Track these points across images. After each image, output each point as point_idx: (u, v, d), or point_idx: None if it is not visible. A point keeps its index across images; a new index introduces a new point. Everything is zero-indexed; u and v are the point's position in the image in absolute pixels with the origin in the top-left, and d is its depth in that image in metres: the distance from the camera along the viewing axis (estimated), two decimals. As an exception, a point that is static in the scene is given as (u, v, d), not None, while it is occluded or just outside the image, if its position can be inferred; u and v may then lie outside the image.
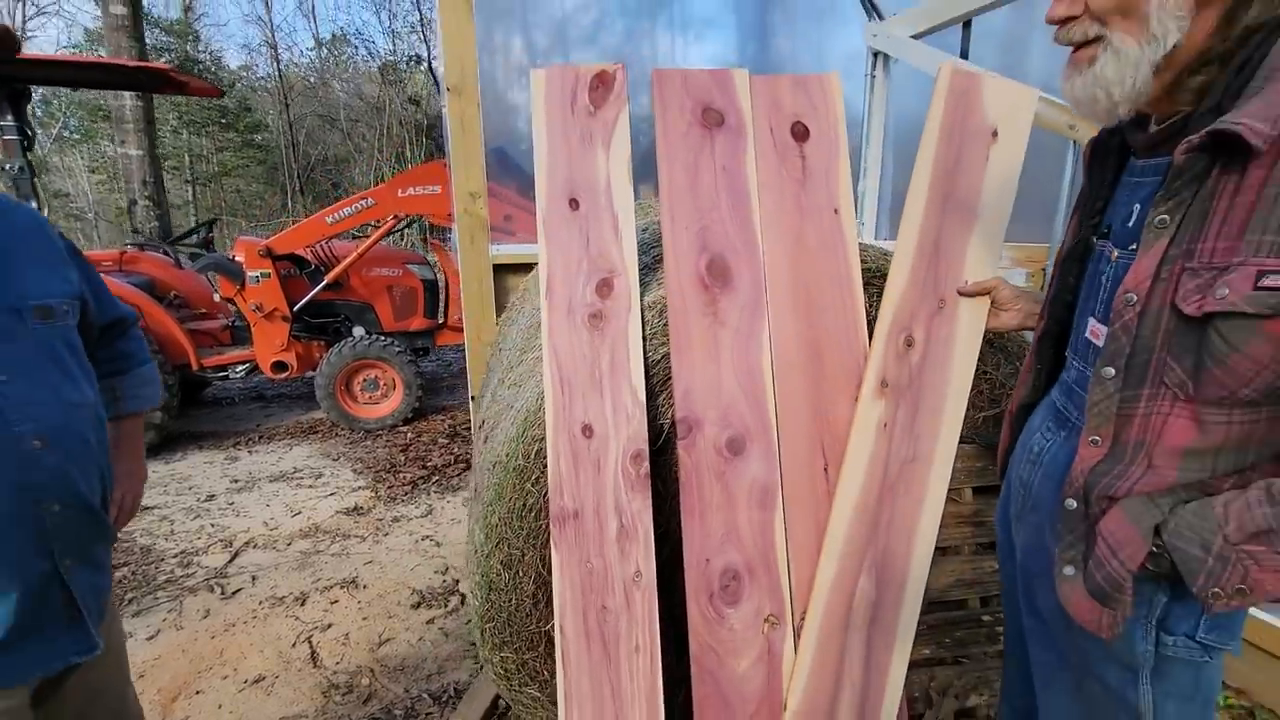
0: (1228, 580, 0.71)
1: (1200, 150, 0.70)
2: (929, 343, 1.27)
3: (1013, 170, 1.27)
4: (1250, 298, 0.67)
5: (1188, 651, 0.84)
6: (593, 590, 1.29)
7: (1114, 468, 0.82)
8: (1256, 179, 0.67)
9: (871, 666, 1.28)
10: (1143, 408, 0.79)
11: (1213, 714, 0.91)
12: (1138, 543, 0.78)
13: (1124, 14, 0.74)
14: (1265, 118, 0.66)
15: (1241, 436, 0.75)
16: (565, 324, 1.33)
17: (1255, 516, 0.70)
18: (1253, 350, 0.69)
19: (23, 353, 0.96)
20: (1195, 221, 0.72)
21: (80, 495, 1.01)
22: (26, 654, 0.97)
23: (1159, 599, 0.83)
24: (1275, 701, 1.94)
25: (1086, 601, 0.83)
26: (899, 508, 1.28)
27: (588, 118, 1.38)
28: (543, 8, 3.36)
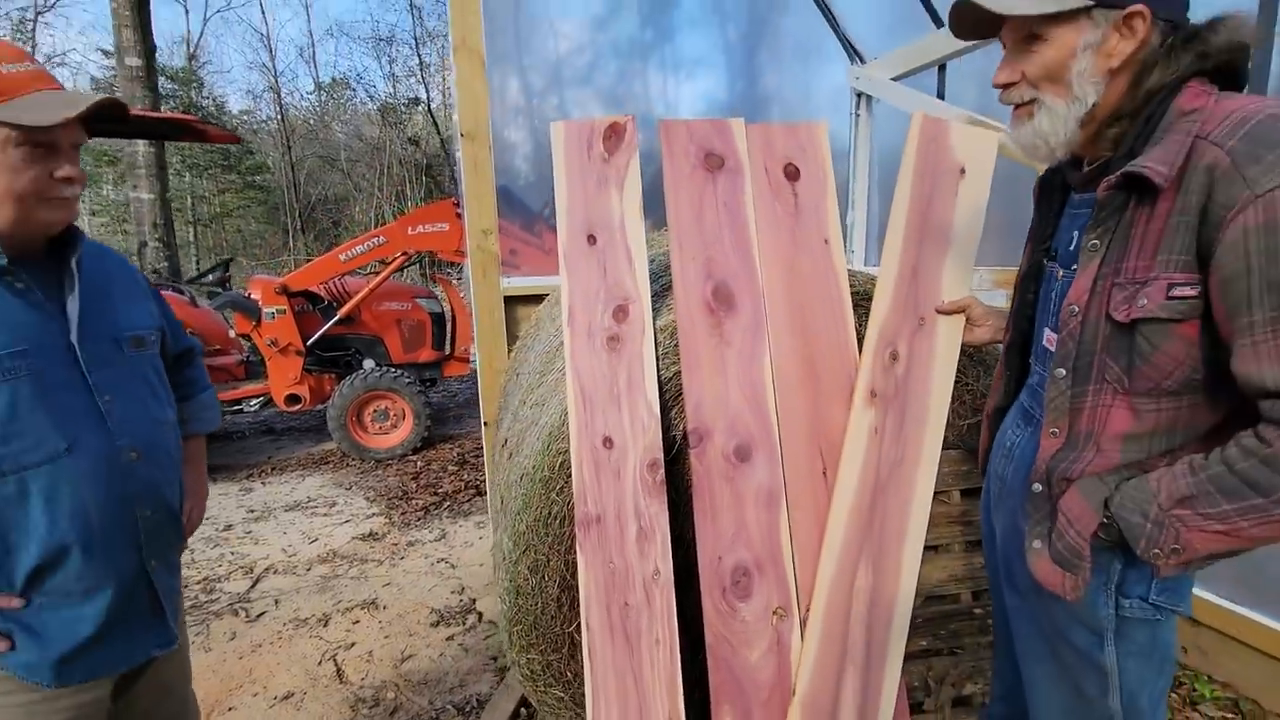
0: (1164, 541, 0.85)
1: (1118, 188, 0.87)
2: (912, 356, 1.42)
3: (979, 202, 1.44)
4: (1164, 305, 0.83)
5: (1143, 612, 0.97)
6: (615, 588, 1.41)
7: (1070, 454, 0.97)
8: (1163, 210, 0.83)
9: (872, 653, 1.40)
10: (1089, 401, 0.94)
11: (1170, 671, 1.04)
12: (1090, 515, 0.92)
13: (1052, 81, 0.91)
14: (1165, 161, 0.82)
15: (1169, 422, 0.89)
16: (586, 346, 1.48)
17: (1180, 486, 0.84)
18: (1170, 349, 0.85)
19: (121, 377, 1.10)
20: (1120, 245, 0.88)
21: (166, 503, 1.14)
22: (115, 647, 1.09)
23: (1115, 566, 0.97)
24: (1258, 693, 2.05)
25: (1052, 568, 0.97)
26: (890, 505, 1.41)
27: (602, 164, 1.55)
28: (537, 50, 3.51)
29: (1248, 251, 0.75)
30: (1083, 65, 0.89)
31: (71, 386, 1.02)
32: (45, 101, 0.94)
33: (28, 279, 1.00)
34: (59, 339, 1.02)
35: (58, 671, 1.01)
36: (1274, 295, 0.74)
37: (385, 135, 19.32)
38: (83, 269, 1.07)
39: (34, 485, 0.96)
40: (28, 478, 0.96)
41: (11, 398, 0.94)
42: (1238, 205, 0.75)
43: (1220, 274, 0.78)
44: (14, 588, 0.98)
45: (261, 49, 28.77)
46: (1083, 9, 0.87)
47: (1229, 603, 2.11)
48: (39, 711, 1.02)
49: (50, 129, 0.94)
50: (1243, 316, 0.77)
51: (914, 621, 1.60)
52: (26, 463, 0.96)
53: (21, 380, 0.95)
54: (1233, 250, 0.76)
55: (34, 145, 0.94)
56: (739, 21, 3.87)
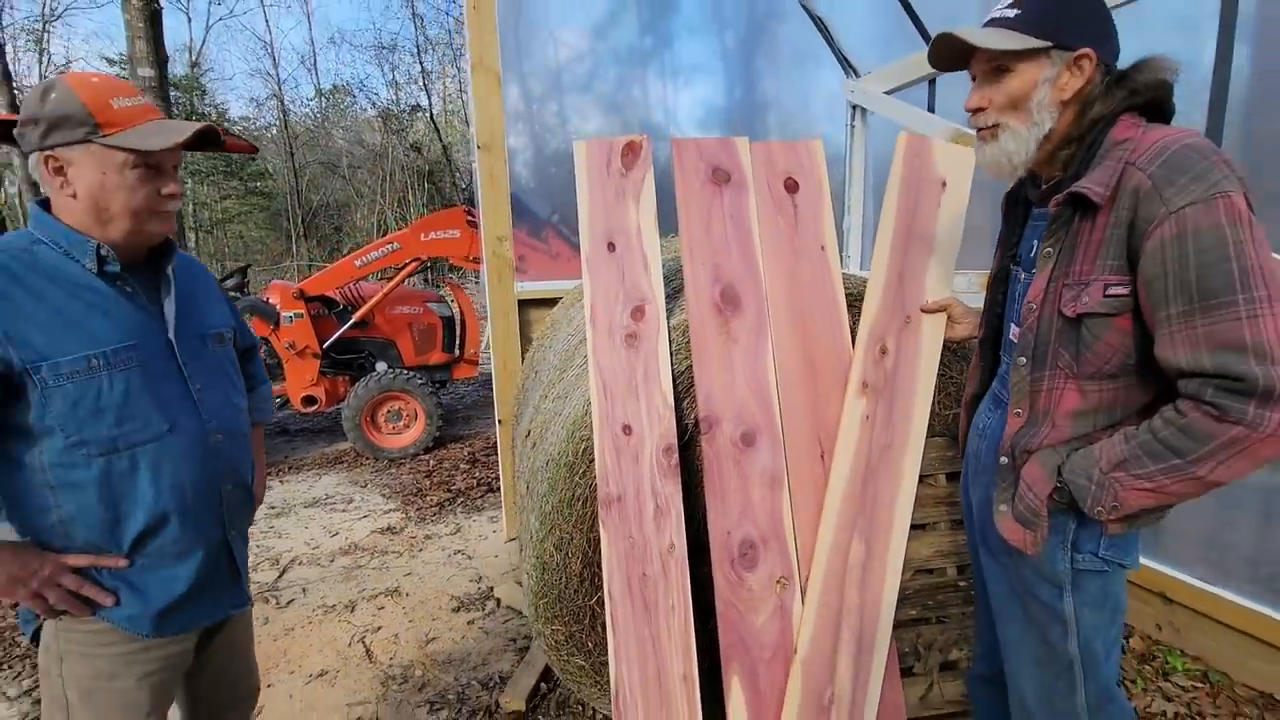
0: (1105, 499, 1.01)
1: (1066, 204, 1.03)
2: (899, 351, 1.58)
3: (959, 212, 1.61)
4: (1102, 302, 0.99)
5: (1094, 564, 1.13)
6: (634, 560, 1.57)
7: (1030, 430, 1.13)
8: (1101, 223, 1.00)
9: (865, 616, 1.55)
10: (1046, 384, 1.10)
11: (1120, 620, 1.20)
12: (1045, 480, 1.08)
13: (1015, 108, 1.08)
14: (1101, 183, 0.98)
15: (1110, 400, 1.06)
16: (607, 343, 1.64)
17: (1117, 452, 1.00)
18: (1108, 338, 1.01)
19: (208, 369, 1.25)
20: (1068, 251, 1.05)
21: (242, 479, 1.30)
22: (203, 605, 1.24)
23: (1070, 526, 1.13)
24: (1226, 666, 2.20)
25: (1015, 527, 1.13)
26: (881, 484, 1.57)
27: (620, 178, 1.71)
28: (537, 57, 3.57)
29: (1164, 258, 0.92)
30: (1041, 96, 1.06)
31: (170, 376, 1.17)
32: (155, 129, 1.10)
33: (134, 284, 1.16)
34: (159, 335, 1.17)
35: (156, 624, 1.16)
36: (1184, 294, 0.91)
37: (387, 142, 19.51)
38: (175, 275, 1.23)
39: (142, 460, 1.11)
40: (138, 454, 1.11)
41: (126, 385, 1.09)
42: (1156, 220, 0.92)
43: (1144, 276, 0.95)
44: (121, 549, 1.13)
45: (264, 56, 29.01)
46: (1043, 49, 1.04)
47: (1200, 582, 2.27)
48: (138, 660, 1.17)
49: (160, 152, 1.10)
50: (1161, 310, 0.93)
51: (904, 593, 1.76)
52: (136, 441, 1.11)
53: (133, 370, 1.11)
54: (1153, 257, 0.93)
55: (146, 167, 1.10)
56: (737, 28, 3.95)
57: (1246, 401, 0.87)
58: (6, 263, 1.05)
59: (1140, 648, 2.36)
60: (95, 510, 1.09)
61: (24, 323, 1.03)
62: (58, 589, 1.08)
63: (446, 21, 20.19)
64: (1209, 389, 0.90)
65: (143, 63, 7.68)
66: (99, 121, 1.06)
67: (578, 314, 2.40)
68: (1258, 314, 0.87)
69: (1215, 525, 2.25)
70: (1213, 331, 0.89)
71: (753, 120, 4.10)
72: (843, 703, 1.53)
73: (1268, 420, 0.86)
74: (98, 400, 1.07)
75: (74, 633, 1.14)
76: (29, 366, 1.02)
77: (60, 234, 1.10)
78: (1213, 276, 0.89)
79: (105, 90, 1.08)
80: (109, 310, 1.11)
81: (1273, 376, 0.86)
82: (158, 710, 1.23)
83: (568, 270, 3.83)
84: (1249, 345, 0.87)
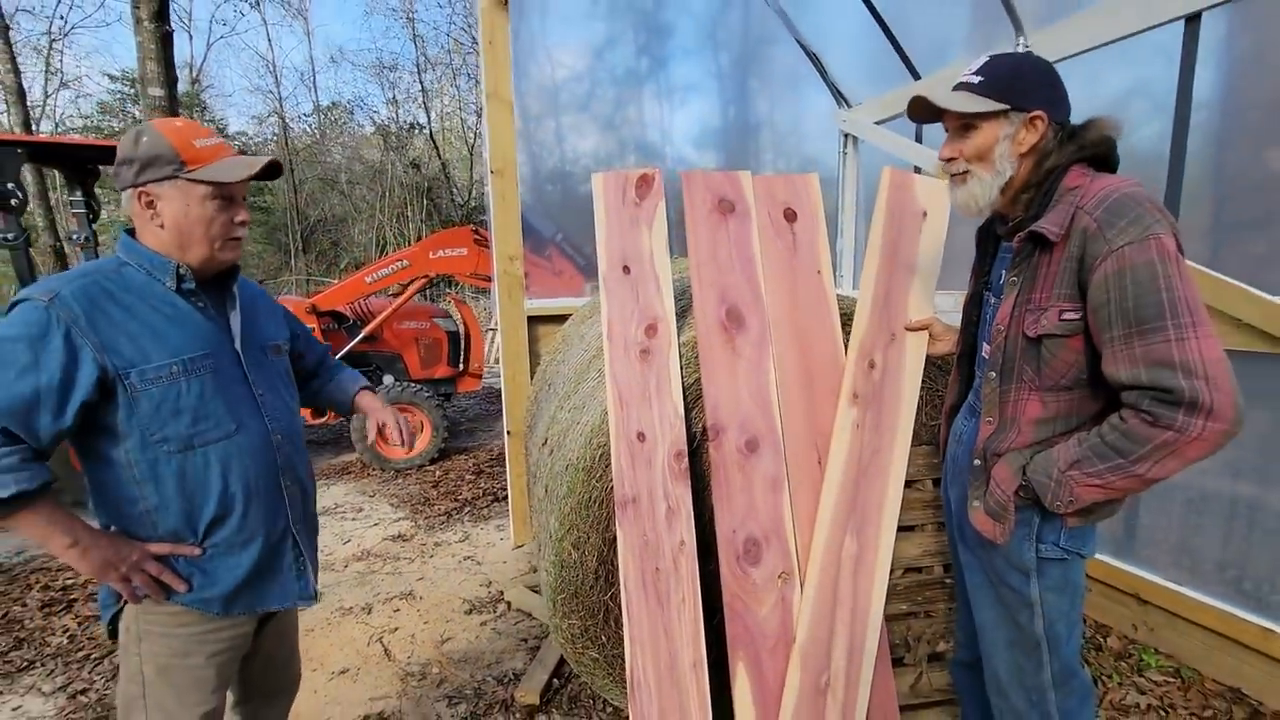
0: (1062, 495, 1.17)
1: (1026, 240, 1.20)
2: (886, 365, 1.75)
3: (939, 239, 1.78)
4: (1057, 325, 1.16)
5: (1056, 553, 1.29)
6: (648, 556, 1.71)
7: (1000, 435, 1.29)
8: (1057, 257, 1.17)
9: (857, 606, 1.70)
10: (1013, 395, 1.26)
11: (1079, 604, 1.36)
12: (1012, 479, 1.24)
13: (981, 159, 1.26)
14: (1056, 223, 1.16)
15: (1067, 409, 1.22)
16: (623, 357, 1.80)
17: (1071, 453, 1.16)
18: (1064, 355, 1.18)
19: (269, 376, 1.40)
20: (1029, 280, 1.22)
21: (300, 477, 1.44)
22: (268, 592, 1.37)
23: (1035, 519, 1.29)
24: (1197, 662, 2.35)
25: (986, 519, 1.29)
26: (871, 485, 1.73)
27: (634, 207, 1.88)
28: (534, 77, 3.69)
29: (1107, 288, 1.09)
30: (1002, 149, 1.24)
31: (237, 382, 1.32)
32: (230, 164, 1.25)
33: (206, 299, 1.31)
34: (227, 345, 1.32)
35: (225, 604, 1.30)
36: (1124, 319, 1.08)
37: (386, 158, 19.74)
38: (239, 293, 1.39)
39: (214, 457, 1.25)
40: (210, 451, 1.25)
41: (200, 389, 1.24)
42: (1101, 256, 1.09)
43: (1091, 304, 1.12)
44: (196, 538, 1.26)
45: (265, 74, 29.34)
46: (1002, 110, 1.22)
47: (1172, 584, 2.42)
48: (208, 640, 1.31)
49: (235, 184, 1.25)
50: (1105, 333, 1.10)
51: (894, 589, 1.91)
52: (210, 439, 1.25)
53: (206, 376, 1.25)
54: (1099, 287, 1.10)
55: (223, 199, 1.25)
56: (731, 51, 4.11)
57: (1176, 410, 1.04)
58: (101, 282, 1.20)
59: (1117, 646, 2.51)
60: (175, 501, 1.23)
61: (116, 335, 1.17)
62: (143, 574, 1.21)
63: (445, 41, 20.55)
64: (1145, 399, 1.07)
65: (153, 83, 7.86)
66: (184, 159, 1.21)
67: (589, 329, 2.56)
68: (1184, 337, 1.04)
69: (1185, 531, 2.41)
70: (1148, 351, 1.06)
71: (746, 140, 4.24)
72: (838, 686, 1.67)
73: (1193, 425, 1.03)
74: (177, 402, 1.21)
75: (153, 614, 1.27)
76: (120, 373, 1.16)
77: (144, 257, 1.25)
78: (1147, 305, 1.06)
79: (188, 132, 1.24)
80: (186, 323, 1.25)
81: (1197, 389, 1.02)
82: (220, 688, 1.36)
83: (571, 287, 3.99)
84: (1177, 363, 1.04)
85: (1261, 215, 2.26)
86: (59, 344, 1.11)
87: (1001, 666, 1.41)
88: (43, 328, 1.11)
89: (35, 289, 1.16)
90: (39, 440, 1.11)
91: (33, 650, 2.67)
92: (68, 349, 1.12)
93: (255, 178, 1.31)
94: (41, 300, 1.12)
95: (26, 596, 3.14)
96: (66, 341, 1.11)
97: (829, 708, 1.67)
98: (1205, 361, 1.03)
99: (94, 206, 4.75)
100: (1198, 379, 1.02)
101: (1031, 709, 1.38)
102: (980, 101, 1.22)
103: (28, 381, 1.09)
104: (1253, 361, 2.10)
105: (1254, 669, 2.19)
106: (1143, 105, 2.54)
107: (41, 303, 1.12)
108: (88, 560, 1.16)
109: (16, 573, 3.41)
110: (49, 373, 1.10)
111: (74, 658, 2.61)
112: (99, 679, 2.46)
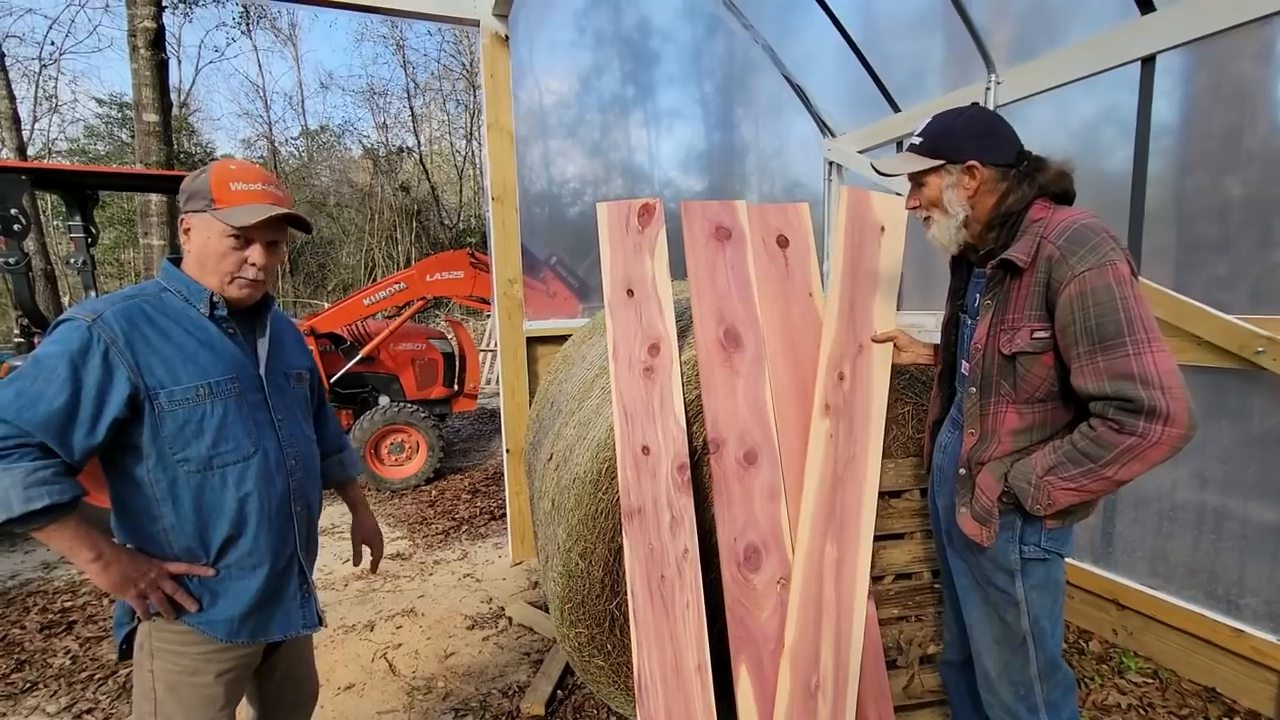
0: (1042, 499, 1.28)
1: (998, 267, 1.33)
2: (855, 376, 1.87)
3: (898, 252, 1.92)
4: (1029, 342, 1.29)
5: (1038, 553, 1.40)
6: (653, 564, 1.80)
7: (982, 446, 1.41)
8: (1025, 281, 1.30)
9: (841, 609, 1.79)
10: (992, 409, 1.38)
11: (1061, 600, 1.46)
12: (995, 486, 1.35)
13: (935, 205, 1.42)
14: (1025, 251, 1.29)
15: (1041, 420, 1.34)
16: (627, 375, 1.90)
17: (1048, 460, 1.28)
18: (1036, 370, 1.30)
19: (289, 403, 1.45)
20: (1002, 304, 1.34)
21: (311, 504, 1.47)
22: (274, 618, 1.39)
23: (1018, 523, 1.40)
24: (1175, 664, 2.46)
25: (973, 524, 1.40)
26: (848, 491, 1.83)
27: (637, 235, 2.00)
28: (524, 102, 3.76)
29: (1072, 309, 1.21)
30: (950, 196, 1.39)
31: (259, 407, 1.36)
32: (250, 211, 1.29)
33: (235, 326, 1.37)
34: (253, 371, 1.37)
35: (229, 631, 1.31)
36: (1089, 337, 1.20)
37: (376, 182, 19.88)
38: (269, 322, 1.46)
39: (230, 478, 1.28)
40: (228, 472, 1.28)
41: (223, 411, 1.28)
42: (1065, 280, 1.22)
43: (1059, 323, 1.24)
44: (209, 558, 1.29)
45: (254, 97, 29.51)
46: (938, 165, 1.37)
47: (1149, 589, 2.54)
48: (216, 659, 1.33)
49: (247, 228, 1.29)
50: (1073, 349, 1.23)
51: (886, 595, 2.01)
52: (229, 460, 1.29)
53: (230, 399, 1.30)
54: (1065, 308, 1.22)
55: (237, 238, 1.30)
56: (715, 78, 4.26)
57: (1137, 418, 1.16)
58: (141, 306, 1.26)
59: (1098, 650, 2.62)
60: (191, 520, 1.27)
61: (151, 356, 1.22)
62: (159, 591, 1.24)
63: (434, 67, 20.84)
64: (1110, 409, 1.19)
65: (148, 109, 7.96)
66: (214, 197, 1.28)
67: (590, 350, 2.66)
68: (1140, 352, 1.16)
69: (1160, 539, 2.54)
70: (1110, 365, 1.19)
71: (731, 164, 4.37)
72: (827, 687, 1.75)
73: (1153, 431, 1.15)
74: (200, 424, 1.25)
75: (164, 632, 1.30)
76: (150, 393, 1.21)
77: (182, 283, 1.32)
78: (1107, 324, 1.19)
79: (231, 175, 1.30)
80: (215, 347, 1.31)
81: (1155, 398, 1.15)
82: (229, 706, 1.37)
83: (565, 309, 4.09)
84: (1136, 375, 1.16)
85: (1219, 239, 2.42)
86: (97, 362, 1.16)
87: (990, 663, 1.50)
88: (84, 346, 1.16)
89: (79, 309, 1.21)
90: (72, 455, 1.15)
91: (35, 671, 2.68)
92: (105, 367, 1.17)
93: (291, 226, 1.37)
94: (85, 320, 1.18)
95: (25, 619, 3.14)
96: (104, 360, 1.17)
97: (820, 709, 1.75)
98: (1160, 373, 1.15)
99: (93, 231, 4.80)
100: (1154, 389, 1.14)
101: (1019, 702, 1.48)
102: (918, 161, 1.39)
103: (65, 398, 1.13)
104: (1213, 376, 2.25)
105: (1227, 669, 2.30)
106: (1111, 132, 2.71)
107: (84, 322, 1.17)
108: (109, 575, 1.19)
109: (13, 596, 3.41)
110: (86, 390, 1.15)
111: (77, 678, 2.62)
112: (104, 698, 2.48)
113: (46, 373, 1.14)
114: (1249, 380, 2.20)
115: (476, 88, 20.64)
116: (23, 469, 1.10)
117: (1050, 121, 2.92)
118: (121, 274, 19.22)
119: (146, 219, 8.17)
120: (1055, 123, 2.87)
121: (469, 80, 20.56)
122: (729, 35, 4.18)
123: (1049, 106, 2.87)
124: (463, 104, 21.65)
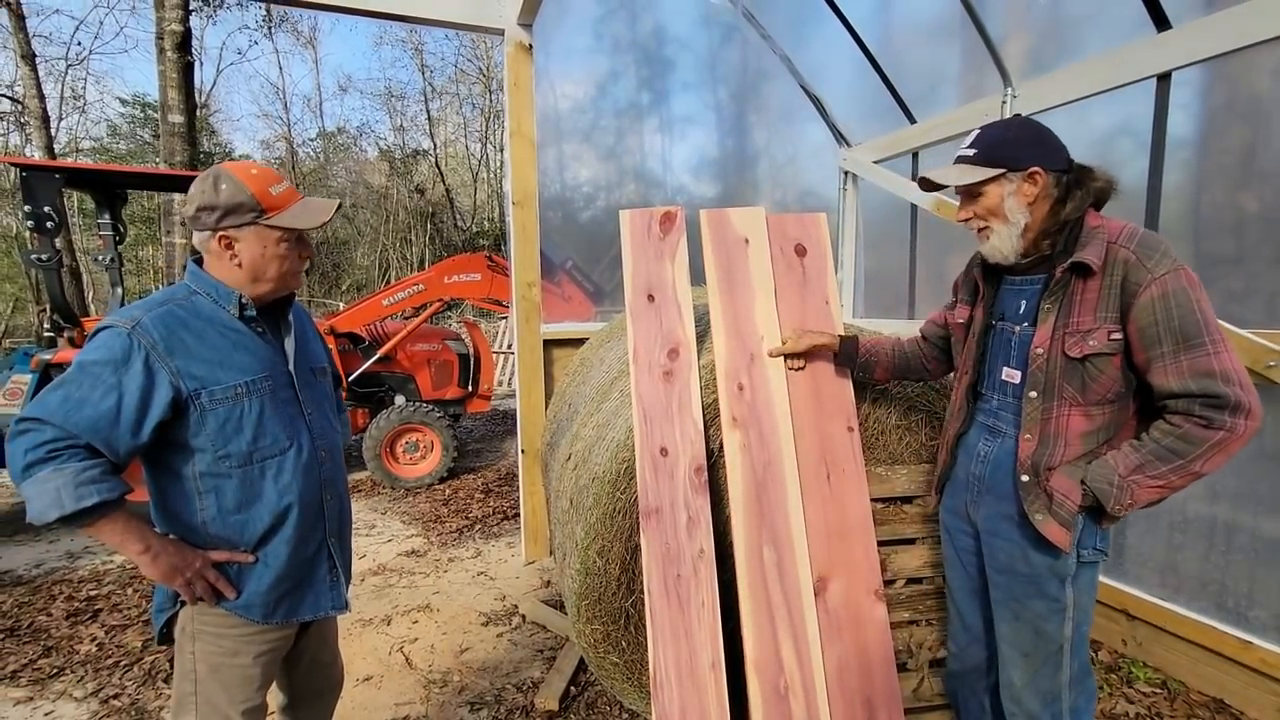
0: (1124, 498, 1.31)
1: (1068, 270, 1.36)
2: (753, 383, 1.91)
3: (765, 260, 2.00)
4: (1106, 344, 1.32)
5: (1092, 555, 1.43)
6: (670, 563, 1.84)
7: (1045, 451, 1.42)
8: (1095, 285, 1.33)
9: (791, 609, 1.80)
10: (1055, 412, 1.41)
11: (1093, 601, 1.49)
12: (1076, 489, 1.38)
13: (994, 215, 1.44)
14: (1096, 255, 1.32)
15: (1107, 422, 1.38)
16: (647, 378, 1.95)
17: (1132, 460, 1.31)
18: (1108, 372, 1.34)
19: (316, 396, 1.50)
20: (1066, 308, 1.37)
21: (340, 493, 1.53)
22: (305, 601, 1.45)
23: (1080, 525, 1.41)
24: (1183, 675, 2.47)
25: (1058, 529, 1.40)
26: (771, 496, 1.85)
27: (659, 241, 2.06)
28: (538, 107, 3.70)
29: (1154, 310, 1.26)
30: (1010, 204, 1.42)
31: (290, 402, 1.42)
32: (302, 210, 1.37)
33: (264, 325, 1.41)
34: (282, 367, 1.42)
35: (265, 613, 1.37)
36: (1171, 336, 1.25)
37: (392, 183, 20.09)
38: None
39: (269, 471, 1.34)
40: (266, 465, 1.34)
41: (260, 408, 1.34)
42: (1144, 283, 1.27)
43: (1137, 324, 1.29)
44: (250, 546, 1.35)
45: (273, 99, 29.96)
46: (999, 174, 1.40)
47: (1159, 600, 2.55)
48: (254, 641, 1.39)
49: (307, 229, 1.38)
50: (1155, 349, 1.28)
51: (897, 599, 2.05)
52: (268, 454, 1.34)
53: (266, 396, 1.35)
54: (1146, 309, 1.27)
55: (295, 241, 1.38)
56: (729, 85, 4.30)
57: (1223, 413, 1.22)
58: (176, 310, 1.30)
59: (1108, 660, 2.63)
60: (233, 511, 1.33)
61: (189, 359, 1.27)
62: (203, 580, 1.30)
63: (451, 71, 21.07)
64: (1196, 405, 1.25)
65: (174, 110, 8.12)
66: (264, 207, 1.32)
67: (608, 353, 2.72)
68: (1220, 351, 1.23)
69: (1170, 551, 2.55)
70: (1194, 363, 1.24)
71: (744, 170, 4.41)
72: (796, 689, 1.77)
73: (1239, 425, 1.22)
74: (240, 420, 1.31)
75: (206, 616, 1.36)
76: (191, 393, 1.25)
77: (211, 286, 1.35)
78: (1188, 325, 1.25)
79: (264, 180, 1.35)
80: (248, 347, 1.35)
81: (1238, 394, 1.21)
82: (265, 686, 1.44)
83: (580, 313, 4.14)
84: (1218, 373, 1.22)
85: (1234, 253, 2.44)
86: (139, 367, 1.20)
87: (1017, 674, 1.51)
88: (125, 352, 1.20)
89: (118, 316, 1.26)
90: (117, 455, 1.20)
91: (61, 658, 2.76)
92: (146, 372, 1.21)
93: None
94: (124, 327, 1.21)
95: (51, 607, 3.22)
96: (146, 366, 1.21)
97: (794, 710, 1.76)
98: (1237, 371, 1.23)
99: (120, 229, 4.92)
100: (1235, 385, 1.22)
101: (1044, 709, 1.50)
102: (978, 172, 1.41)
103: (110, 402, 1.18)
104: (1226, 389, 2.27)
105: (1235, 680, 2.31)
106: (1127, 143, 2.74)
107: (124, 329, 1.21)
108: (158, 565, 1.25)
109: (38, 584, 3.50)
110: (129, 394, 1.19)
111: (104, 664, 2.69)
112: (130, 684, 2.55)
113: (91, 379, 1.19)
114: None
115: (492, 91, 20.86)
116: (72, 469, 1.15)
117: (1066, 132, 2.90)
118: (140, 270, 19.53)
119: (169, 217, 8.33)
120: (1071, 133, 2.86)
121: (485, 84, 20.80)
122: (743, 43, 4.22)
123: (1065, 117, 2.89)
124: (478, 108, 21.89)
